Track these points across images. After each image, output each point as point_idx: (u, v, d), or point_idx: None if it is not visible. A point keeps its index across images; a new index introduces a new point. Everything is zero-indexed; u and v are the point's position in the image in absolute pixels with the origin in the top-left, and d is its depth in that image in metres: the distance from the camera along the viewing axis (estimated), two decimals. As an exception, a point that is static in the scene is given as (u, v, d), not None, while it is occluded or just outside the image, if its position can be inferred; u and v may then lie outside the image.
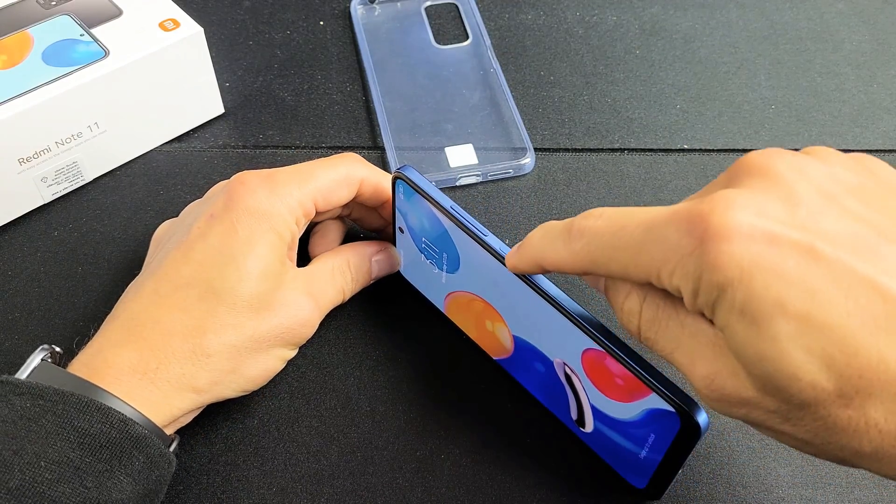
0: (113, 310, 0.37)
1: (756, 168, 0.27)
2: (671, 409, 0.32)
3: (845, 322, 0.24)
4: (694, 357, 0.28)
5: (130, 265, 0.45)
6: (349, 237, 0.44)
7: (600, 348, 0.33)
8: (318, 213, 0.40)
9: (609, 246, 0.29)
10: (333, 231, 0.43)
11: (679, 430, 0.32)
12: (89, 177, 0.49)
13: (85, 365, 0.34)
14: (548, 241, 0.32)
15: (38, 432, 0.31)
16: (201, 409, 0.37)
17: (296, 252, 0.40)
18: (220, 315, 0.36)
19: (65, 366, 0.35)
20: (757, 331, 0.25)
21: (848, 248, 0.25)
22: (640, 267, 0.28)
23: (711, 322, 0.27)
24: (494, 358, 0.41)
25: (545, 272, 0.33)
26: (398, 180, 0.39)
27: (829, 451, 0.26)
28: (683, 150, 0.52)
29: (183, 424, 0.37)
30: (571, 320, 0.34)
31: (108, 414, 0.32)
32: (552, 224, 0.32)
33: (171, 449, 0.35)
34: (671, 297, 0.28)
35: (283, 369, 0.40)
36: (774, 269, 0.24)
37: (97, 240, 0.46)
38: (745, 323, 0.25)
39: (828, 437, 0.25)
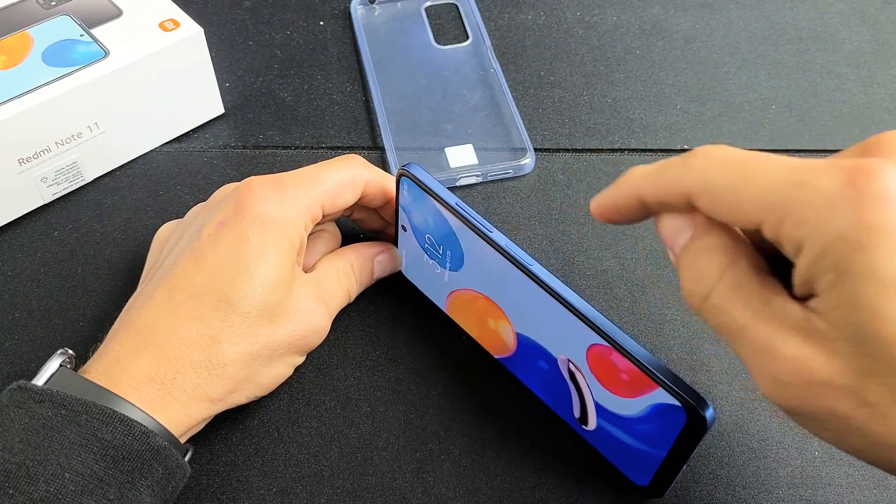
0: (122, 314, 0.37)
1: None
2: (677, 403, 0.32)
3: None
4: (775, 337, 0.26)
5: (130, 265, 0.45)
6: (349, 237, 0.44)
7: (606, 343, 0.33)
8: (323, 217, 0.40)
9: (734, 174, 0.27)
10: (332, 233, 0.43)
11: (685, 424, 0.32)
12: (89, 177, 0.49)
13: (102, 373, 0.34)
14: (655, 167, 0.30)
15: (62, 443, 0.31)
16: (212, 418, 0.37)
17: (303, 257, 0.40)
18: (235, 324, 0.35)
19: (76, 370, 0.35)
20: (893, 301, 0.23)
21: None
22: (759, 204, 0.26)
23: (802, 302, 0.26)
24: (496, 357, 0.41)
25: (636, 206, 0.31)
26: (403, 178, 0.39)
27: None
28: (684, 151, 0.52)
29: (194, 433, 0.37)
30: (577, 316, 0.34)
31: (131, 426, 0.32)
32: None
33: (186, 459, 0.35)
34: (762, 271, 0.27)
35: (284, 370, 0.40)
36: None
37: (97, 240, 0.46)
38: (878, 289, 0.23)
39: None
